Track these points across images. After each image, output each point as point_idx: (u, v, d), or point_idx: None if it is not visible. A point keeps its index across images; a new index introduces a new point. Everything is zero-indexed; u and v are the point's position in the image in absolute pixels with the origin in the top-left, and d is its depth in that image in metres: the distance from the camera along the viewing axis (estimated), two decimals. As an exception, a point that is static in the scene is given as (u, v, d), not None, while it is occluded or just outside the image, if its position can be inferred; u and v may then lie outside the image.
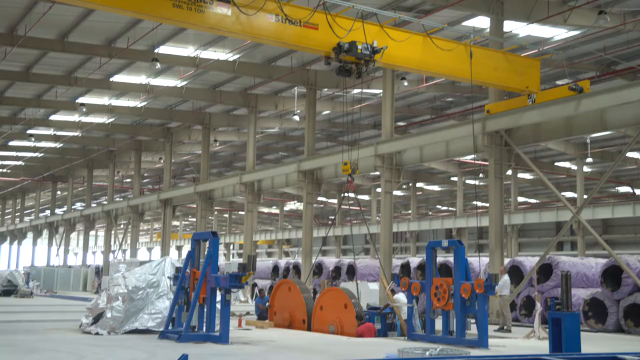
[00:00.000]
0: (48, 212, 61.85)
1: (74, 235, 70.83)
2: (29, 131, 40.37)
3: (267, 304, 18.55)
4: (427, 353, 10.55)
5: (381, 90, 26.68)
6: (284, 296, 17.74)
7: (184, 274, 14.02)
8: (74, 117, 38.21)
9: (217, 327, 13.36)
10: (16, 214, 68.57)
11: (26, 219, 67.73)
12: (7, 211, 72.75)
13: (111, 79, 31.07)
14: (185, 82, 31.80)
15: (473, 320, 14.55)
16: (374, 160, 24.67)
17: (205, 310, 13.58)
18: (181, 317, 13.87)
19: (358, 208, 24.50)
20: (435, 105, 34.71)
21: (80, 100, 33.81)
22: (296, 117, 34.98)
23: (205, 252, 14.07)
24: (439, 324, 14.58)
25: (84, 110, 33.36)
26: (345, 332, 15.51)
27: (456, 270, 14.08)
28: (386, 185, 24.60)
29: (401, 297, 16.11)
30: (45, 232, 61.11)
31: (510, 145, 20.81)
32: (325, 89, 31.73)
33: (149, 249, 75.40)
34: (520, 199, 49.94)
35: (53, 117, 38.30)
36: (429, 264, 14.77)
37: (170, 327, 13.97)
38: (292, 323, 17.14)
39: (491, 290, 13.43)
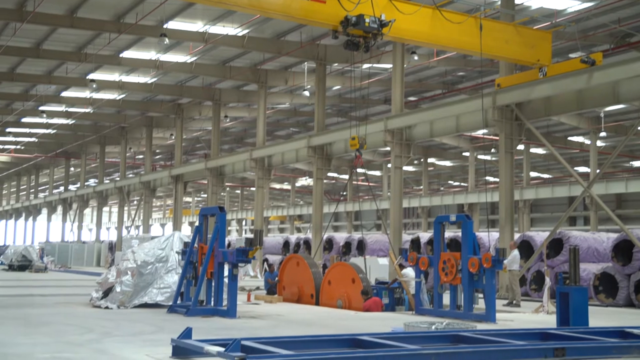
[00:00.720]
0: (62, 188, 62.36)
1: (87, 211, 71.45)
2: (41, 108, 40.51)
3: (276, 278, 18.63)
4: (434, 327, 10.55)
5: (391, 65, 26.46)
6: (292, 271, 17.81)
7: (191, 249, 14.06)
8: (85, 94, 38.29)
9: (225, 302, 13.43)
10: (31, 191, 69.22)
11: (40, 195, 68.37)
12: (22, 187, 73.44)
13: (121, 55, 31.03)
14: (194, 58, 31.71)
15: (481, 295, 14.51)
16: (383, 135, 24.55)
17: (213, 284, 13.65)
18: (189, 291, 13.94)
19: (367, 184, 24.42)
20: (446, 80, 34.40)
21: (91, 76, 33.83)
22: (306, 93, 34.83)
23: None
24: (446, 299, 14.57)
25: (95, 86, 33.40)
26: (352, 307, 15.55)
27: (464, 245, 14.02)
28: (396, 161, 24.49)
29: (409, 271, 16.09)
30: (60, 208, 61.69)
31: (521, 120, 20.61)
32: (336, 64, 31.52)
33: (162, 225, 75.93)
34: (533, 174, 49.62)
35: (64, 94, 38.42)
36: (437, 238, 14.72)
37: (178, 302, 14.04)
38: (301, 298, 17.22)
39: (499, 264, 13.37)
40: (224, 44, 28.53)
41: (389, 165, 36.53)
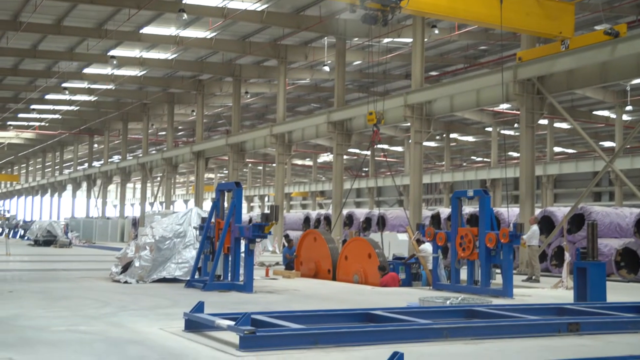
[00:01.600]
0: (86, 164, 63.04)
1: (111, 187, 72.23)
2: (64, 84, 40.82)
3: (294, 254, 18.68)
4: (448, 302, 10.52)
5: (412, 39, 26.13)
6: (310, 246, 17.85)
7: (208, 224, 14.13)
8: (107, 70, 38.47)
9: (242, 277, 13.51)
10: (55, 167, 70.12)
11: (65, 171, 69.22)
12: (47, 164, 74.42)
13: (141, 31, 31.05)
14: (214, 34, 31.61)
15: (499, 270, 14.41)
16: (403, 110, 24.36)
17: (229, 259, 13.73)
18: (207, 266, 14.04)
19: (385, 159, 24.28)
20: (468, 54, 33.93)
21: (112, 52, 33.95)
22: (326, 68, 34.61)
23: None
24: (464, 274, 14.50)
25: (115, 63, 33.53)
26: (369, 282, 15.56)
27: (481, 220, 13.90)
28: (416, 136, 24.33)
29: (427, 247, 16.03)
30: (84, 185, 62.44)
31: (542, 94, 20.29)
32: (356, 39, 31.21)
33: (185, 201, 76.56)
34: (557, 149, 48.99)
35: (86, 70, 38.64)
36: (455, 213, 14.62)
37: (196, 276, 14.17)
38: (318, 273, 17.27)
39: (516, 239, 13.24)
40: (243, 19, 28.38)
41: (410, 141, 36.32)
